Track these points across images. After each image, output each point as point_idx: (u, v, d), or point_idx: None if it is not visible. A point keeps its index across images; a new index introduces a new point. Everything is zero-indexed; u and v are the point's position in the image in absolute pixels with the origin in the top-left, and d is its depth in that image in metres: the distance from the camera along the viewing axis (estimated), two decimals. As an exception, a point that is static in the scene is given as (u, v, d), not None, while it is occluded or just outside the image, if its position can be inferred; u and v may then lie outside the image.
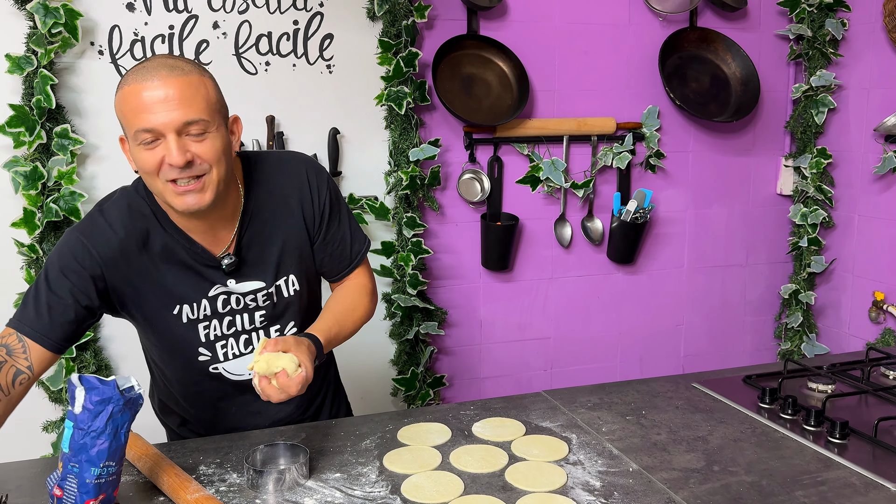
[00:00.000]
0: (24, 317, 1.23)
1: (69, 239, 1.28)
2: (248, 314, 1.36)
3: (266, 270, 1.36)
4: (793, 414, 1.50)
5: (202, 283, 1.32)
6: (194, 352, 1.36)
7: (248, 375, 1.38)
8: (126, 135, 1.22)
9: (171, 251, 1.30)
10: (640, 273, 2.65)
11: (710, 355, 2.78)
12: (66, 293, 1.24)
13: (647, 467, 1.30)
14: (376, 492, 1.22)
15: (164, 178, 1.19)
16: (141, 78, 1.17)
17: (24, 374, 1.21)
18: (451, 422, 1.49)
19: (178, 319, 1.32)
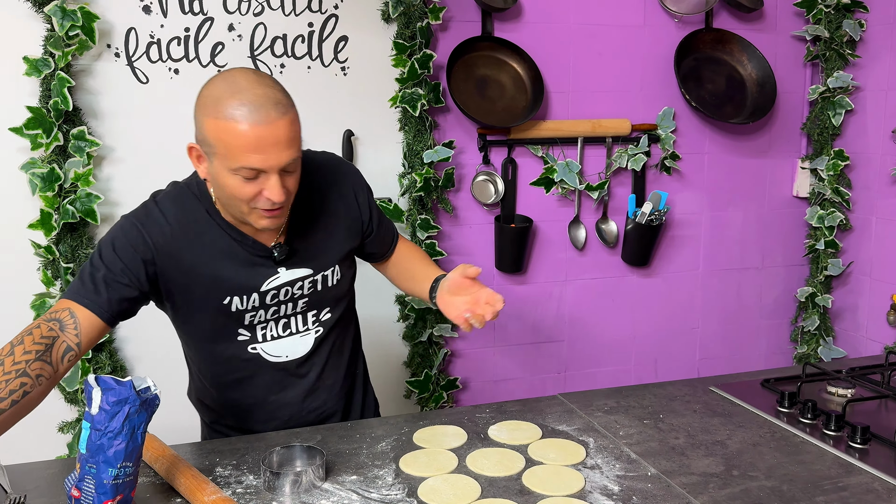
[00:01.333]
0: (81, 290, 1.27)
1: (124, 224, 1.33)
2: (291, 303, 1.41)
3: (313, 258, 1.42)
4: (812, 418, 1.48)
5: (255, 275, 1.36)
6: (235, 333, 1.40)
7: (285, 357, 1.44)
8: (209, 153, 1.23)
9: (224, 246, 1.34)
10: (655, 276, 2.63)
11: (725, 359, 2.76)
12: (119, 272, 1.28)
13: (665, 472, 1.29)
14: (393, 494, 1.22)
15: (253, 206, 1.25)
16: (249, 117, 1.17)
17: (72, 351, 1.23)
18: (467, 424, 1.48)
19: (226, 308, 1.36)
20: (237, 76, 1.22)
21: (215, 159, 1.22)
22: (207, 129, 1.21)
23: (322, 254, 1.43)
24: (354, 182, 1.50)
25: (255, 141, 1.17)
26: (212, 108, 1.20)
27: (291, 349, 1.45)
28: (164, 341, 2.14)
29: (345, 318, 1.53)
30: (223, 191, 1.26)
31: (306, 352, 1.46)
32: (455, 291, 1.40)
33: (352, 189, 1.48)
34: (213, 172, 1.25)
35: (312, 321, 1.46)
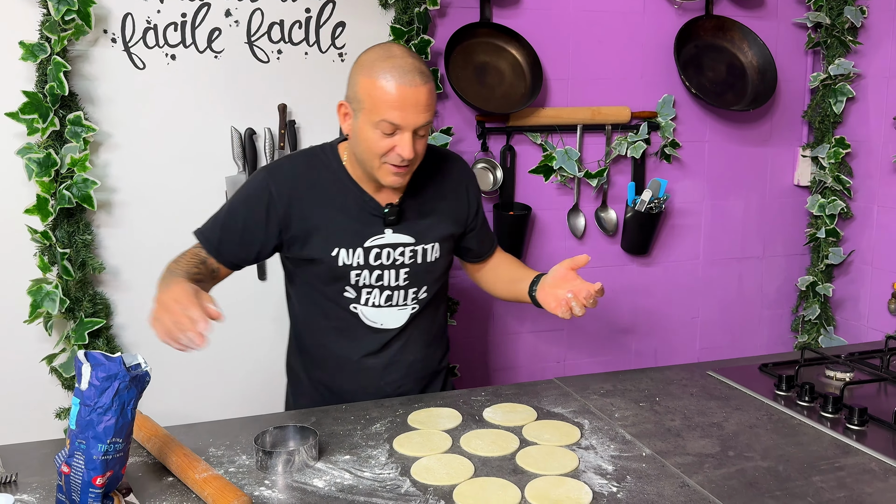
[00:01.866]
0: (211, 236, 1.51)
1: (257, 176, 1.53)
2: (394, 270, 1.53)
3: (417, 230, 1.55)
4: (810, 401, 1.47)
5: (363, 230, 1.51)
6: (341, 287, 1.53)
7: (380, 324, 1.56)
8: (357, 109, 1.42)
9: (343, 199, 1.51)
10: (655, 264, 2.62)
11: (726, 348, 2.75)
12: (241, 229, 1.50)
13: (660, 452, 1.28)
14: (386, 473, 1.21)
15: (384, 160, 1.41)
16: (398, 78, 1.36)
17: (217, 271, 1.52)
18: (462, 407, 1.48)
19: (334, 261, 1.50)
20: (392, 46, 1.45)
21: (361, 114, 1.41)
22: (360, 86, 1.40)
23: (426, 228, 1.56)
24: (468, 178, 1.67)
25: (399, 99, 1.36)
26: (367, 68, 1.40)
27: (388, 319, 1.57)
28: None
29: (436, 303, 1.65)
30: (361, 145, 1.43)
31: (400, 325, 1.58)
32: (558, 284, 1.52)
33: (465, 183, 1.65)
34: (356, 127, 1.43)
35: (412, 297, 1.57)
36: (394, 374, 1.60)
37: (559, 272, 1.52)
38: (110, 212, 2.07)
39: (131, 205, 2.08)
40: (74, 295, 1.99)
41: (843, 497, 1.13)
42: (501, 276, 1.72)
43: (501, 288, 1.72)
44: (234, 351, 2.22)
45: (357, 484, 1.18)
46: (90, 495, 1.04)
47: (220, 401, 2.21)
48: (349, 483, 1.18)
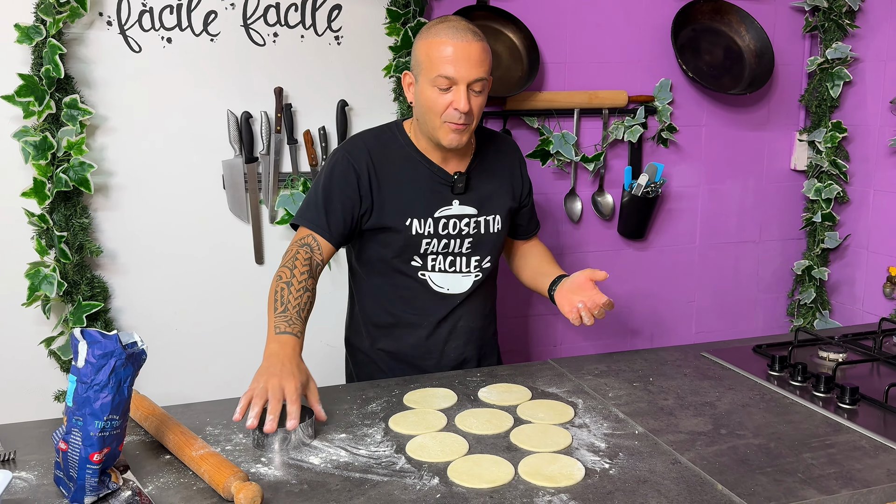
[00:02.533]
0: (316, 219, 1.56)
1: (336, 155, 1.61)
2: (459, 239, 1.64)
3: (480, 201, 1.65)
4: (803, 381, 1.49)
5: (433, 200, 1.61)
6: (410, 256, 1.62)
7: (447, 289, 1.66)
8: (418, 73, 1.54)
9: (413, 172, 1.60)
10: (651, 249, 2.62)
11: (721, 332, 2.76)
12: (339, 199, 1.57)
13: (653, 430, 1.29)
14: (381, 451, 1.22)
15: (443, 118, 1.51)
16: (452, 35, 1.49)
17: (320, 266, 1.55)
18: (458, 387, 1.49)
19: (408, 230, 1.59)
20: (450, 16, 1.58)
21: (421, 77, 1.52)
22: (419, 48, 1.53)
23: (489, 201, 1.66)
24: (521, 157, 1.78)
25: (453, 53, 1.47)
26: (424, 32, 1.54)
27: (454, 284, 1.66)
28: (160, 311, 2.16)
29: (493, 275, 1.75)
30: (422, 107, 1.53)
31: (465, 290, 1.67)
32: (575, 291, 1.60)
33: (518, 162, 1.76)
34: (417, 92, 1.54)
35: (475, 265, 1.67)
36: (457, 340, 1.69)
37: (578, 280, 1.61)
38: (107, 195, 2.08)
39: (128, 188, 2.09)
40: (72, 278, 2.00)
41: (833, 473, 1.14)
42: (531, 264, 1.80)
43: (527, 275, 1.81)
44: (233, 333, 2.23)
45: (353, 461, 1.19)
46: (87, 471, 1.05)
47: (218, 382, 2.22)
48: (345, 460, 1.19)
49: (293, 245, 1.54)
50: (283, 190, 2.16)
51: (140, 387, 2.17)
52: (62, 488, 1.09)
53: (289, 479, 1.14)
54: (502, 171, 1.71)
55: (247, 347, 2.25)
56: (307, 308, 1.45)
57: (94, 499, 1.07)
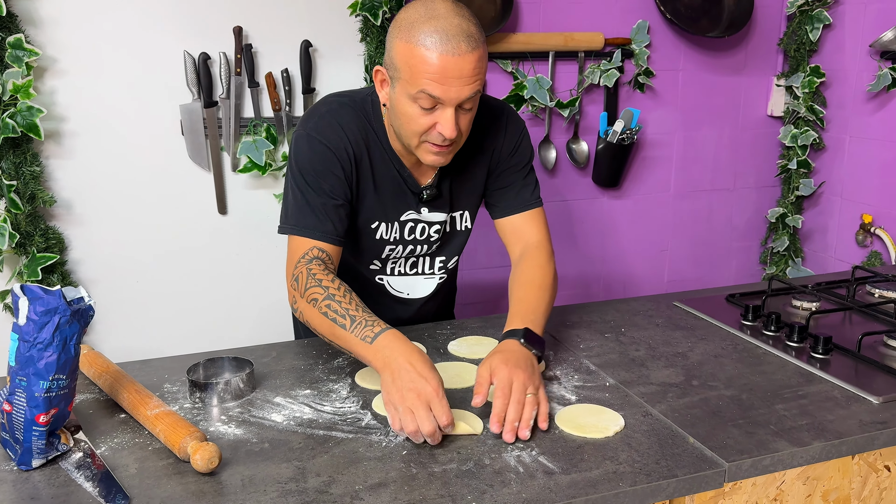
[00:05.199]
0: (318, 224, 1.28)
1: (312, 145, 1.30)
2: (427, 245, 1.44)
3: (451, 203, 1.43)
4: (776, 330, 1.47)
5: (400, 205, 1.38)
6: (369, 260, 1.44)
7: (406, 294, 1.49)
8: (394, 77, 1.22)
9: (384, 170, 1.35)
10: (626, 197, 2.59)
11: (694, 280, 2.75)
12: (334, 191, 1.29)
13: (624, 382, 1.27)
14: (346, 407, 1.18)
15: (424, 139, 1.24)
16: (440, 45, 1.15)
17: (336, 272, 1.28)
18: (427, 341, 1.45)
19: (373, 233, 1.39)
20: (437, 3, 1.19)
21: (398, 84, 1.21)
22: (397, 51, 1.20)
23: (460, 198, 1.44)
24: (510, 132, 1.43)
25: (441, 70, 1.16)
26: (405, 31, 1.18)
27: (413, 288, 1.49)
28: (120, 263, 2.08)
29: (456, 265, 1.56)
30: (399, 119, 1.25)
31: (427, 294, 1.51)
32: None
33: (502, 137, 1.42)
34: (393, 98, 1.24)
35: (439, 266, 1.49)
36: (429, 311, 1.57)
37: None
38: (59, 142, 1.98)
39: (81, 135, 1.99)
40: (25, 229, 1.91)
41: (805, 424, 1.12)
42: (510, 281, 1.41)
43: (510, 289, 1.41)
44: (196, 285, 2.16)
45: (317, 418, 1.15)
46: (34, 433, 1.00)
47: (181, 336, 2.17)
48: (308, 417, 1.15)
49: (300, 266, 1.23)
50: (244, 136, 2.07)
51: (100, 341, 2.13)
52: (9, 451, 1.04)
53: (249, 437, 1.10)
54: (478, 150, 1.40)
55: (210, 300, 2.19)
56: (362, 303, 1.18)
57: (43, 461, 1.02)
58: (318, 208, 1.28)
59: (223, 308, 2.21)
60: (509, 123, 1.43)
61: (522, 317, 1.28)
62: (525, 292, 1.34)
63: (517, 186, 1.45)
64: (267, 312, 2.18)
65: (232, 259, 2.19)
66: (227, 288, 2.20)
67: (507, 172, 1.44)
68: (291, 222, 1.29)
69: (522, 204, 1.46)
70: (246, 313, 2.22)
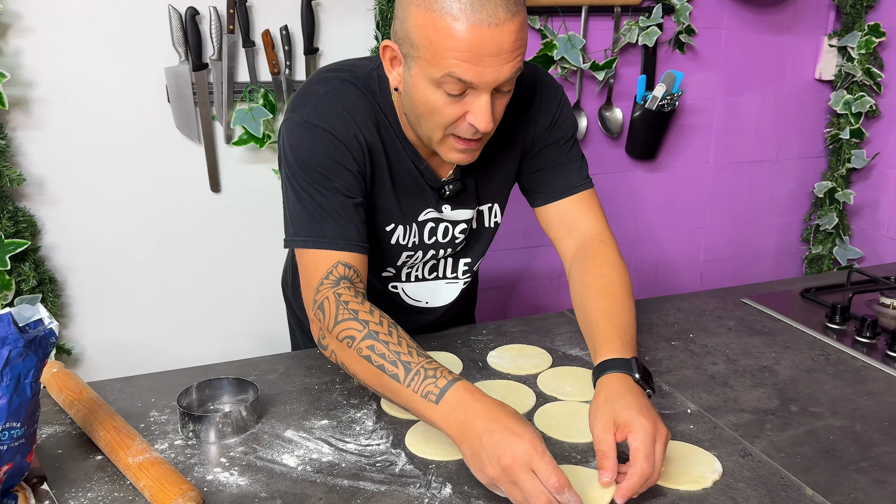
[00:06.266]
0: (333, 232, 1.02)
1: (314, 135, 1.03)
2: (451, 248, 1.20)
3: (479, 196, 1.18)
4: (871, 337, 1.25)
5: (417, 203, 1.14)
6: (383, 267, 1.19)
7: (424, 303, 1.25)
8: (410, 56, 0.96)
9: (398, 162, 1.10)
10: (661, 170, 2.35)
11: (731, 260, 2.53)
12: (346, 191, 1.03)
13: (708, 408, 1.05)
14: (374, 445, 0.96)
15: (450, 131, 0.99)
16: (474, 12, 0.89)
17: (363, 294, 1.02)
18: (461, 350, 1.23)
19: (387, 237, 1.14)
20: None
21: (415, 65, 0.95)
22: (413, 22, 0.93)
23: (488, 189, 1.19)
24: (546, 101, 1.16)
25: (473, 46, 0.90)
26: None
27: (433, 296, 1.25)
28: (102, 249, 1.84)
29: None
30: (417, 108, 0.99)
31: (449, 301, 1.26)
32: None
33: (538, 107, 1.16)
34: (408, 82, 0.98)
35: (464, 270, 1.25)
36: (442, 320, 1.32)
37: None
38: (27, 111, 1.72)
39: (52, 103, 1.73)
40: (-11, 212, 1.67)
41: (940, 467, 0.91)
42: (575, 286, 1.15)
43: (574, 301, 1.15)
44: (188, 272, 1.93)
45: (339, 461, 0.93)
46: (-19, 498, 0.78)
47: (172, 330, 1.94)
48: (328, 460, 0.93)
49: (324, 291, 0.98)
50: (239, 104, 1.82)
51: (80, 336, 1.90)
52: (-48, 516, 0.82)
53: (257, 490, 0.88)
54: (508, 136, 1.15)
55: (203, 288, 1.96)
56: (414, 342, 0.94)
57: (-6, 530, 0.81)
58: (335, 211, 1.02)
59: (218, 297, 1.97)
60: (544, 91, 1.16)
61: (622, 340, 1.00)
62: (610, 304, 1.06)
63: (561, 166, 1.19)
64: (267, 301, 1.94)
65: (227, 242, 1.95)
66: (222, 274, 1.97)
67: (545, 151, 1.18)
68: (303, 233, 1.03)
69: (569, 187, 1.20)
70: (243, 302, 2.00)
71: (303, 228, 1.02)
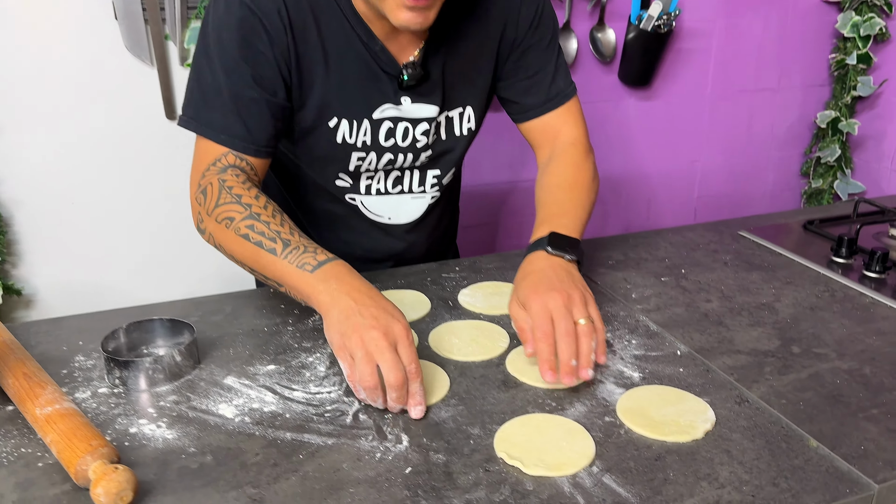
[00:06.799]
0: (229, 126, 0.94)
1: (230, 7, 0.92)
2: (412, 153, 1.08)
3: (445, 93, 1.06)
4: (881, 271, 1.14)
5: (371, 94, 1.01)
6: (334, 173, 1.09)
7: (387, 219, 1.15)
8: None
9: (344, 42, 0.98)
10: (656, 99, 2.20)
11: (727, 197, 2.41)
12: (250, 81, 0.93)
13: (700, 349, 0.94)
14: (325, 392, 0.85)
15: None
16: None
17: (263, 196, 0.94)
18: (430, 288, 1.11)
19: (331, 135, 1.03)
20: None
21: None
22: None
23: (457, 88, 1.06)
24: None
25: None
26: None
27: (397, 211, 1.15)
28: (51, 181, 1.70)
29: (458, 177, 1.24)
30: None
31: (415, 218, 1.17)
32: None
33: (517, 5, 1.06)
34: None
35: (432, 183, 1.14)
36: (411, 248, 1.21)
37: None
38: (-44, 28, 1.56)
39: (-16, 18, 1.57)
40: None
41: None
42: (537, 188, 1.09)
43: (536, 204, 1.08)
44: (144, 205, 1.80)
45: (283, 411, 0.82)
46: None
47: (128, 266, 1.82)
48: (271, 410, 0.82)
49: (209, 176, 0.93)
50: (194, 20, 1.66)
51: (33, 277, 1.76)
52: None
53: (185, 444, 0.77)
54: (490, 33, 1.06)
55: (166, 224, 1.83)
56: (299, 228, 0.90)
57: None
58: (229, 102, 0.93)
59: (182, 232, 1.84)
60: (523, 6, 1.06)
61: (548, 222, 0.98)
62: (552, 194, 1.03)
63: (547, 73, 1.10)
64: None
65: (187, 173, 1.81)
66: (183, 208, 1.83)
67: (528, 54, 1.09)
68: (192, 114, 0.96)
69: (556, 97, 1.11)
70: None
71: (193, 109, 0.96)
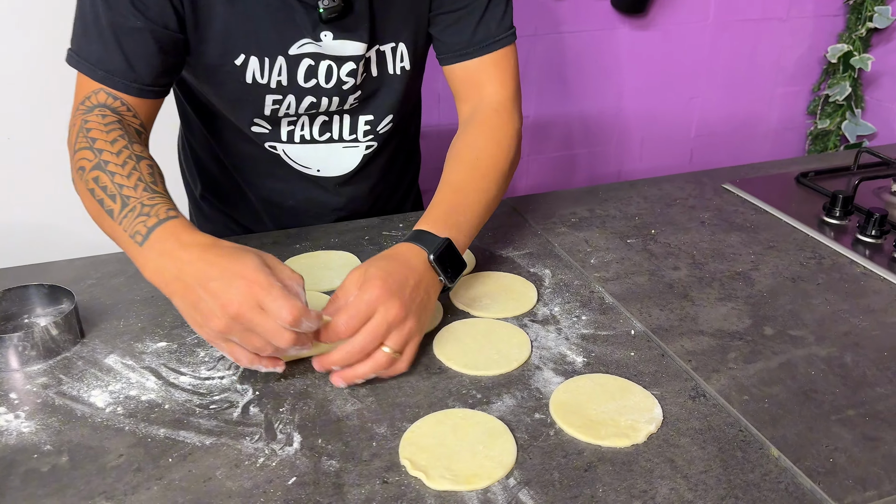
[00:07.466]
0: (105, 61, 0.82)
1: None
2: (338, 96, 0.94)
3: (373, 26, 0.91)
4: (877, 236, 1.00)
5: (284, 28, 0.88)
6: (247, 121, 0.96)
7: (315, 171, 1.02)
8: None
9: None
10: (653, 28, 2.01)
11: (726, 136, 2.25)
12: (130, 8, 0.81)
13: (658, 328, 0.82)
14: (216, 378, 0.74)
15: None
16: None
17: (144, 133, 0.86)
18: (367, 248, 0.99)
19: (239, 74, 0.90)
20: None
21: None
22: None
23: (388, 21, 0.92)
24: None
25: None
26: None
27: (326, 163, 1.02)
28: None
29: (408, 123, 1.11)
30: None
31: (349, 170, 1.03)
32: None
33: None
34: None
35: (365, 131, 1.00)
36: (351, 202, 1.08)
37: None
38: None
39: None
40: None
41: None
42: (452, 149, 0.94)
43: None
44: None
45: (162, 400, 0.71)
46: None
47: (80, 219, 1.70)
48: (149, 398, 0.71)
49: (77, 116, 0.82)
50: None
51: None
52: None
53: (42, 439, 0.66)
54: None
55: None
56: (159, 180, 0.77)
57: None
58: (107, 32, 0.81)
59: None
60: None
61: (446, 214, 0.83)
62: (462, 178, 0.88)
63: (474, 11, 0.94)
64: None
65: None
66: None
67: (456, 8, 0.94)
68: (73, 45, 0.85)
69: (482, 42, 0.95)
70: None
71: (75, 42, 0.84)
